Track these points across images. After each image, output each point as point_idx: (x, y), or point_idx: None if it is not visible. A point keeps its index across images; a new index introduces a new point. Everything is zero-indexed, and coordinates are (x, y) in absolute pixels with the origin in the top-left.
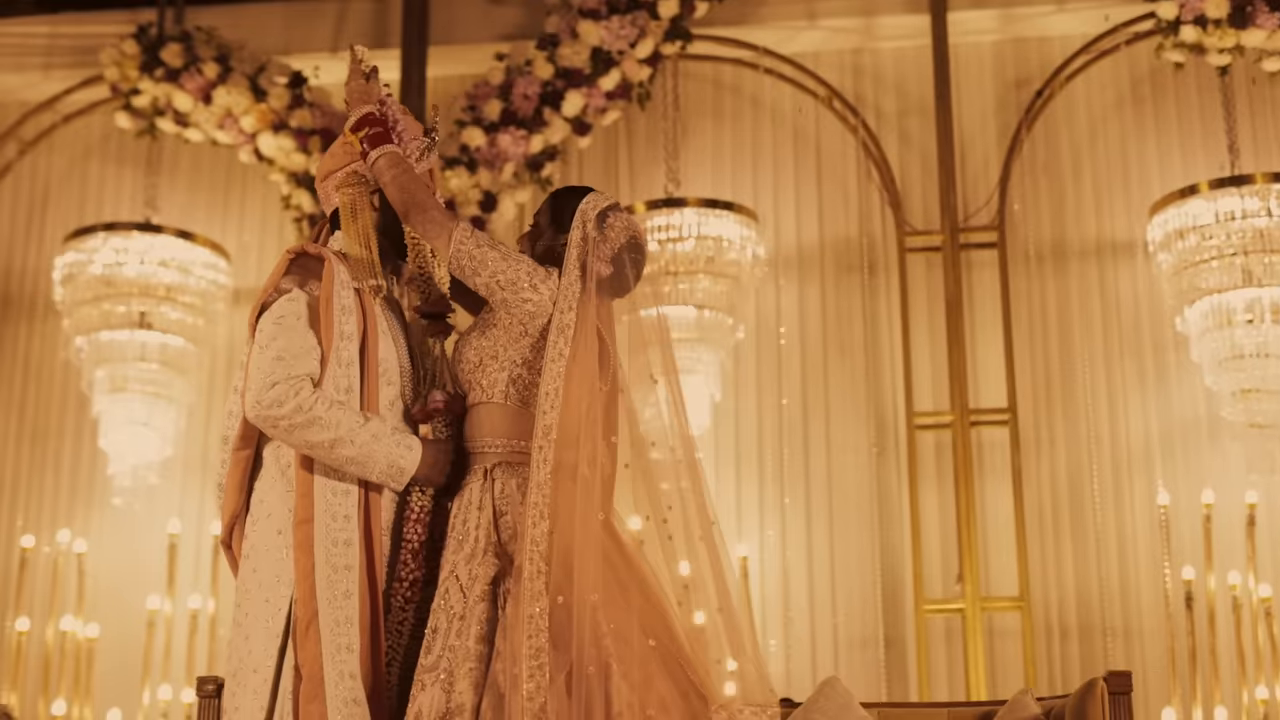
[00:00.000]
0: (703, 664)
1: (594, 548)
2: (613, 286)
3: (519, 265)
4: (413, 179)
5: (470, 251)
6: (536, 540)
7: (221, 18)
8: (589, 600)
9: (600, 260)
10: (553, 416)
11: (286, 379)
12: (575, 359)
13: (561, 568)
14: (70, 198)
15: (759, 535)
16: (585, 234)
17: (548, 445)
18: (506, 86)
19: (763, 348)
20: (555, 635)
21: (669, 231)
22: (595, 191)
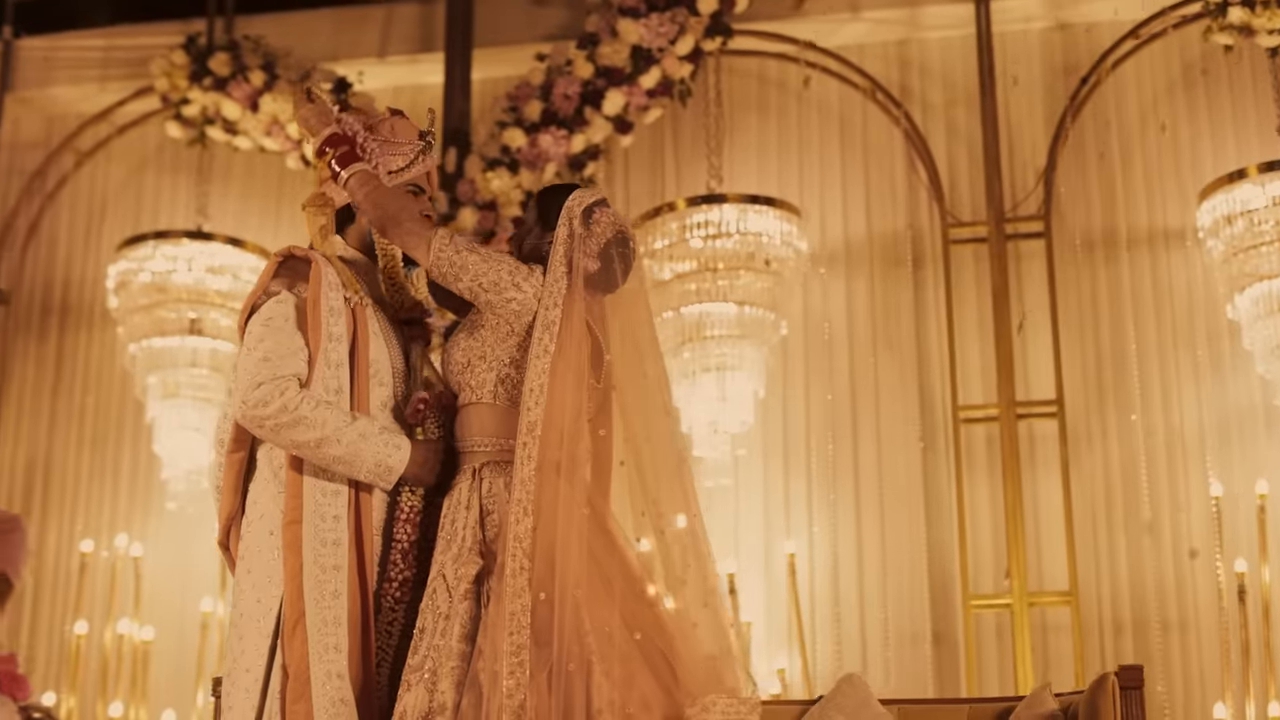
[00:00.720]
0: (694, 659)
1: (578, 544)
2: (601, 282)
3: (500, 266)
4: (386, 193)
5: (450, 258)
6: (520, 537)
7: (270, 25)
8: (571, 597)
9: (587, 256)
10: (537, 413)
11: (272, 379)
12: (561, 355)
13: (544, 564)
14: (127, 207)
15: (807, 531)
16: (571, 230)
17: (532, 441)
18: (547, 87)
19: (810, 343)
20: (537, 632)
21: (709, 228)
22: (581, 188)
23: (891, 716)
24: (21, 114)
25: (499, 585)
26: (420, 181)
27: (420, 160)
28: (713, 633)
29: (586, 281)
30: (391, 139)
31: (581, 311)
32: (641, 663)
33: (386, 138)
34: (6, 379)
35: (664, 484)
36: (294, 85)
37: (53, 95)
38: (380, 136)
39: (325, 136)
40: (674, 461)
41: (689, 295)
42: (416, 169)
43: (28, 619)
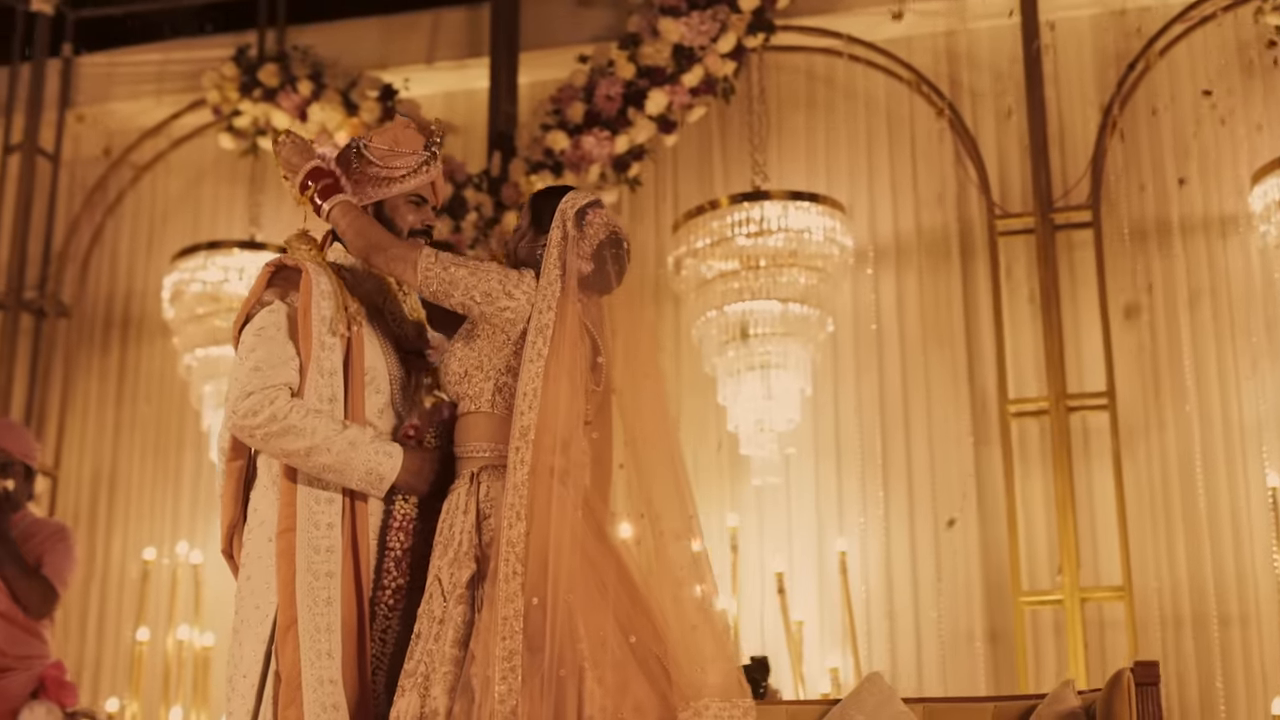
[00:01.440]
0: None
1: (571, 549)
2: (595, 283)
3: (490, 275)
4: (367, 222)
5: (438, 275)
6: (513, 541)
7: (320, 35)
8: (564, 602)
9: (580, 257)
10: (530, 417)
11: (262, 389)
12: (555, 357)
13: (538, 569)
14: (185, 219)
15: (860, 529)
16: (565, 232)
17: (525, 446)
18: (589, 88)
19: (860, 339)
20: (530, 638)
21: (751, 226)
22: (575, 190)
23: (914, 716)
24: (82, 130)
25: (492, 590)
26: (423, 191)
27: (423, 170)
28: (709, 636)
29: (581, 283)
30: (395, 149)
31: (577, 314)
32: (636, 669)
33: (390, 148)
34: (71, 391)
35: (661, 487)
36: (341, 94)
37: (111, 110)
38: (382, 147)
39: (307, 170)
40: (672, 465)
41: (732, 294)
42: (419, 179)
43: (94, 626)
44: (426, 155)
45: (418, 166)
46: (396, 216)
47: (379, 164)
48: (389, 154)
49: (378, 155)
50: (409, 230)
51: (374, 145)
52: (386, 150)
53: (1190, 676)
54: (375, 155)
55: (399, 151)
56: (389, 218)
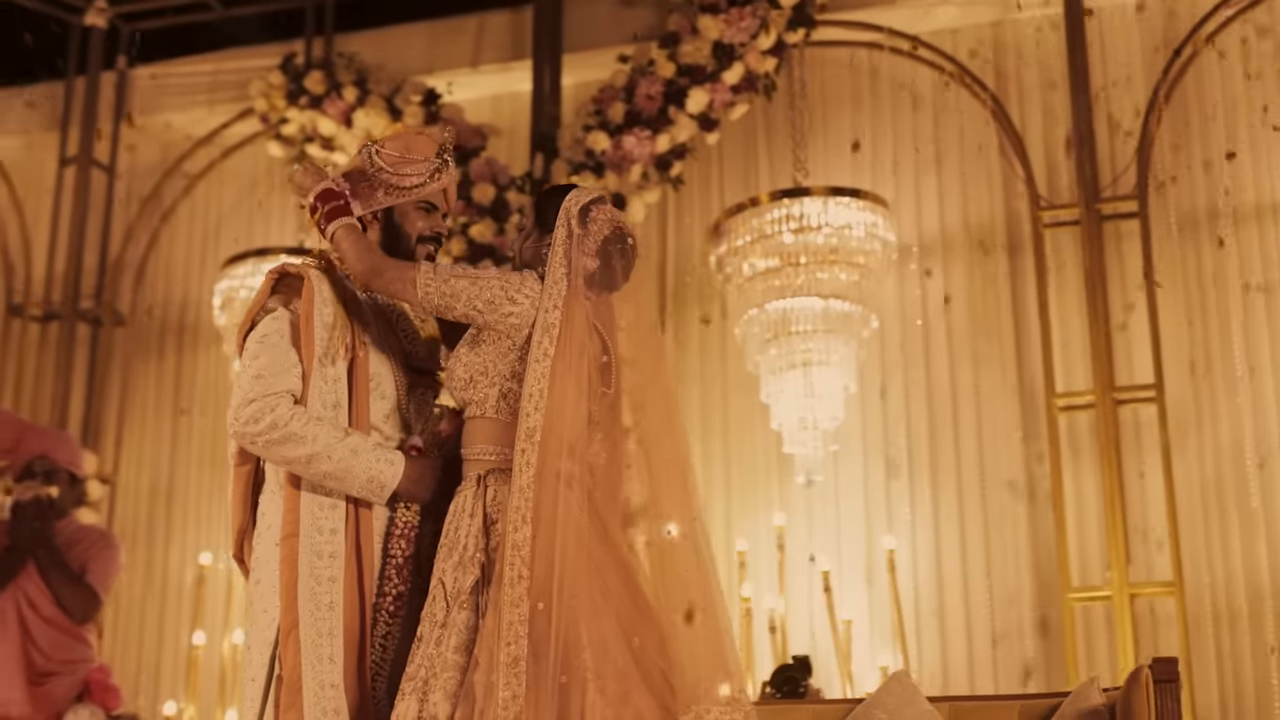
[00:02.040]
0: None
1: (577, 553)
2: (602, 280)
3: (492, 283)
4: (366, 246)
5: (439, 289)
6: (518, 545)
7: (367, 42)
8: (568, 608)
9: (585, 254)
10: (536, 419)
11: (263, 396)
12: (561, 357)
13: (543, 574)
14: (239, 227)
15: (909, 527)
16: (569, 230)
17: (531, 448)
18: (630, 88)
19: (906, 335)
20: (535, 643)
21: (792, 223)
22: (579, 187)
23: (938, 714)
24: (138, 140)
25: (497, 594)
26: (434, 199)
27: (434, 178)
28: (712, 641)
29: (588, 281)
30: (406, 156)
31: (584, 313)
32: (638, 678)
33: (400, 154)
34: (128, 400)
35: (668, 489)
36: (385, 99)
37: (165, 121)
38: (393, 153)
39: (317, 192)
40: (679, 467)
41: (773, 291)
42: (431, 186)
43: (152, 630)
44: (438, 163)
45: (429, 174)
46: (406, 223)
47: (390, 170)
48: (400, 161)
49: (389, 162)
50: (418, 236)
51: (385, 152)
52: (397, 157)
53: (1245, 672)
54: (386, 162)
55: (410, 159)
56: (399, 224)
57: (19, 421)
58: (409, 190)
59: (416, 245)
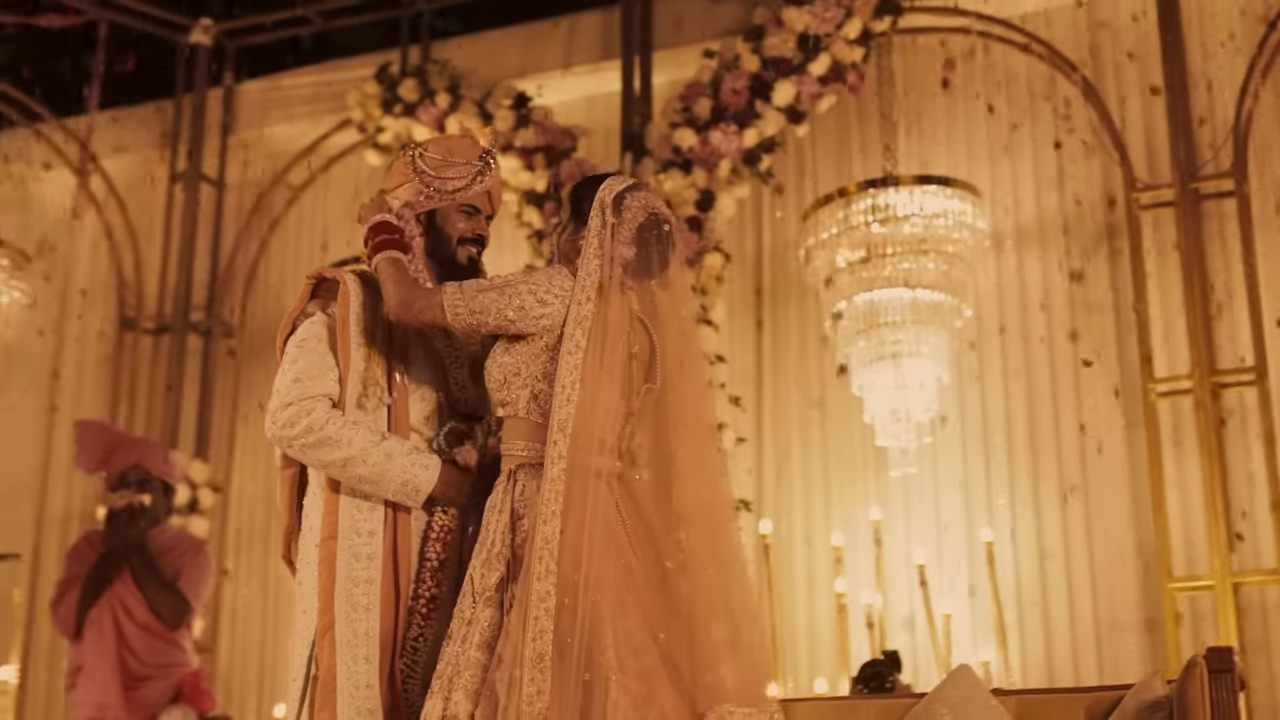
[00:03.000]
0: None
1: (605, 549)
2: (640, 268)
3: (520, 289)
4: (397, 280)
5: (467, 308)
6: (548, 538)
7: (461, 49)
8: (594, 604)
9: (621, 242)
10: (568, 411)
11: (300, 400)
12: (594, 349)
13: (571, 569)
14: (343, 235)
15: (1009, 518)
16: (604, 220)
17: (562, 439)
18: (716, 83)
19: (1004, 322)
20: (560, 640)
21: (880, 213)
22: (614, 176)
23: (1002, 709)
24: (247, 154)
25: (524, 590)
26: (477, 201)
27: (477, 181)
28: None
29: (626, 270)
30: (448, 159)
31: (623, 304)
32: (665, 678)
33: (442, 157)
34: (240, 409)
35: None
36: (477, 104)
37: (271, 134)
38: (436, 156)
39: (372, 223)
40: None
41: (861, 283)
42: (473, 189)
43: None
44: (480, 165)
45: (471, 177)
46: (447, 225)
47: (432, 173)
48: (442, 164)
49: (431, 165)
50: (459, 238)
51: (429, 155)
52: (440, 160)
53: None
54: (429, 165)
55: (452, 162)
56: (440, 226)
57: (113, 432)
58: (451, 193)
59: (457, 247)
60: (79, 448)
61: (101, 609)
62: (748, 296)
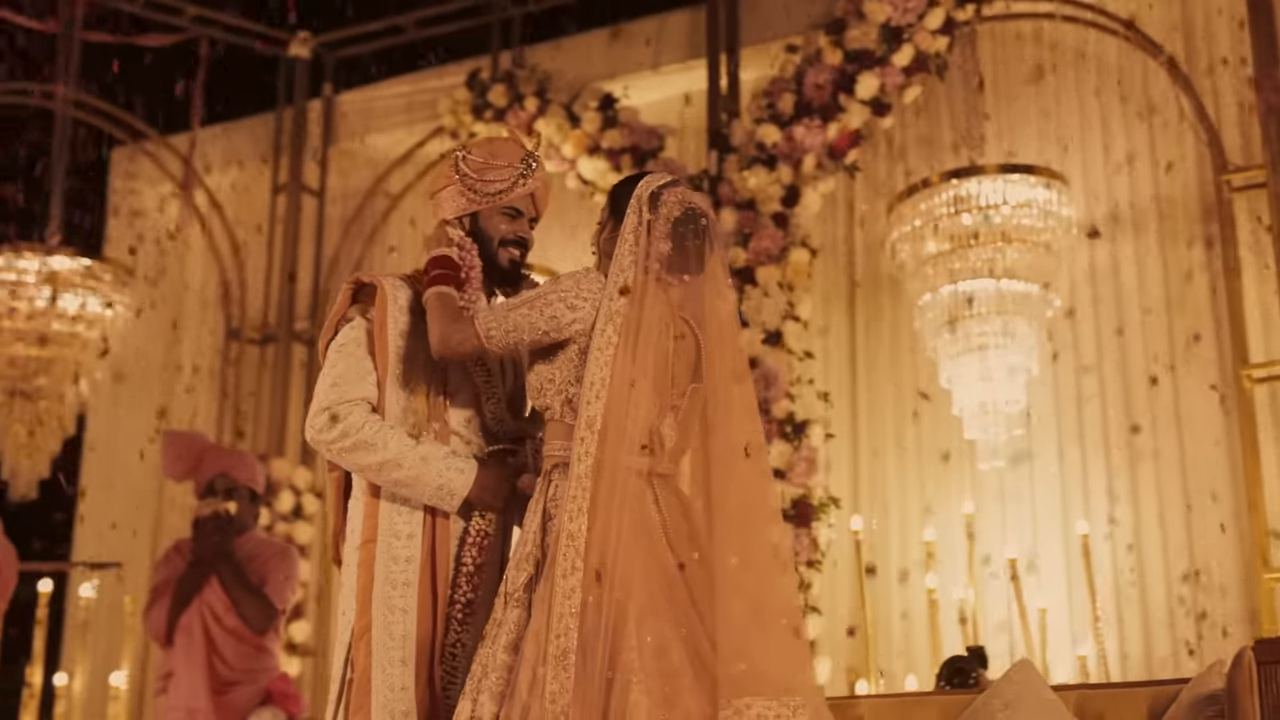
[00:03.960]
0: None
1: (634, 548)
2: (678, 263)
3: (550, 299)
4: (442, 318)
5: (501, 329)
6: (573, 535)
7: (552, 53)
8: (620, 603)
9: (657, 238)
10: (596, 408)
11: (337, 404)
12: (625, 345)
13: (596, 568)
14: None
15: (1105, 510)
16: (640, 217)
17: (590, 437)
18: (798, 78)
19: (1096, 311)
20: (584, 638)
21: (962, 203)
22: (653, 173)
23: (1061, 705)
24: (347, 165)
25: (549, 588)
26: (519, 203)
27: (519, 183)
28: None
29: (663, 265)
30: (490, 161)
31: (659, 300)
32: (693, 679)
33: (485, 159)
34: None
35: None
36: (564, 107)
37: (369, 144)
38: (478, 159)
39: (435, 256)
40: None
41: (947, 274)
42: (515, 191)
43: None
44: (522, 167)
45: (513, 179)
46: (489, 227)
47: (474, 176)
48: (484, 166)
49: (473, 168)
50: (500, 240)
51: (471, 158)
52: (482, 163)
53: None
54: (471, 168)
55: (494, 164)
56: (483, 228)
57: (201, 441)
58: (493, 195)
59: (499, 249)
60: (167, 457)
61: (191, 616)
62: (841, 291)
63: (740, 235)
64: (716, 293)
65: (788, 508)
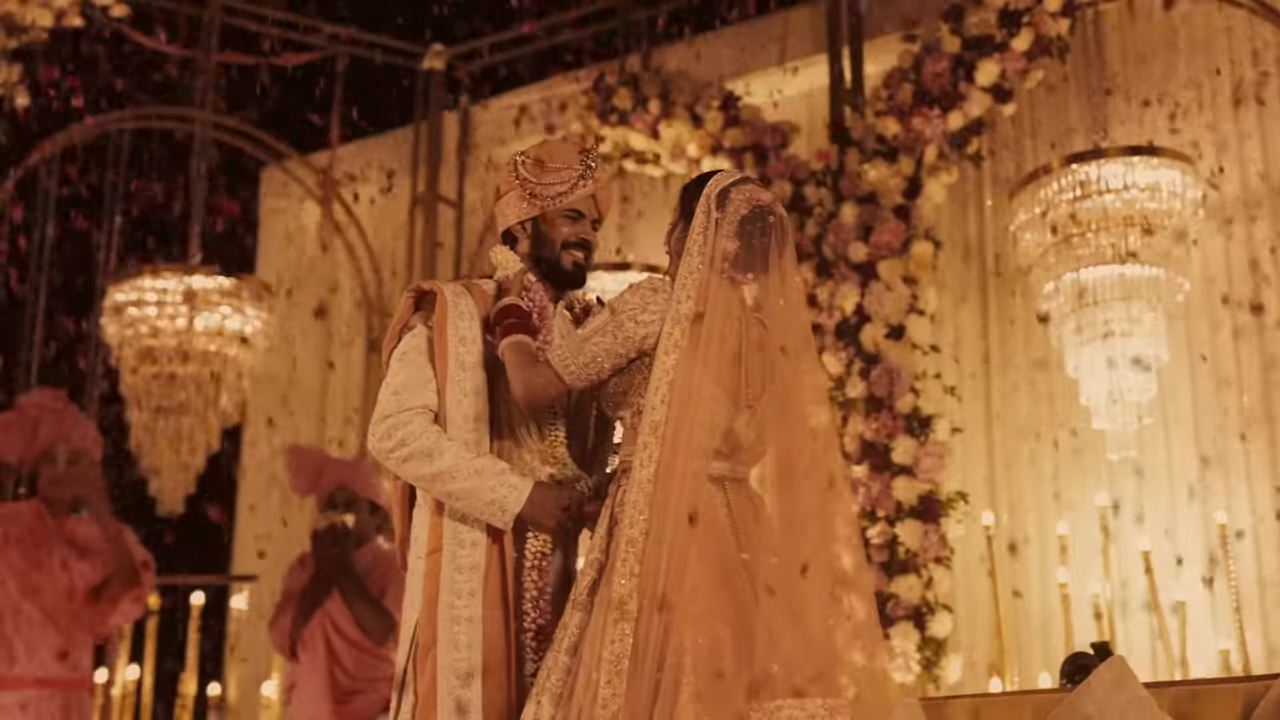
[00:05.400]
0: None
1: (698, 552)
2: (745, 261)
3: (620, 320)
4: (522, 366)
5: (580, 363)
6: (633, 540)
7: (679, 54)
8: (674, 606)
9: (724, 236)
10: (662, 412)
11: (397, 412)
12: (693, 347)
13: (653, 571)
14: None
15: (1247, 500)
16: (709, 216)
17: (654, 442)
18: (917, 68)
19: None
20: (638, 642)
21: (1086, 188)
22: (723, 171)
23: (1152, 702)
24: (483, 175)
25: (606, 591)
26: (581, 205)
27: (579, 185)
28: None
29: (733, 264)
30: (549, 164)
31: (730, 300)
32: (745, 683)
33: (544, 163)
34: None
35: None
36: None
37: (504, 152)
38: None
39: (500, 306)
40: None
41: (1071, 261)
42: (576, 194)
43: None
44: (581, 169)
45: (573, 182)
46: (551, 230)
47: (534, 180)
48: (543, 170)
49: (532, 172)
50: (562, 243)
51: (529, 162)
52: (541, 166)
53: None
54: (529, 172)
55: (552, 167)
56: (545, 232)
57: (322, 455)
58: (553, 199)
59: (561, 252)
60: (292, 472)
61: (314, 627)
62: (973, 283)
63: (861, 229)
64: (791, 292)
65: (915, 504)
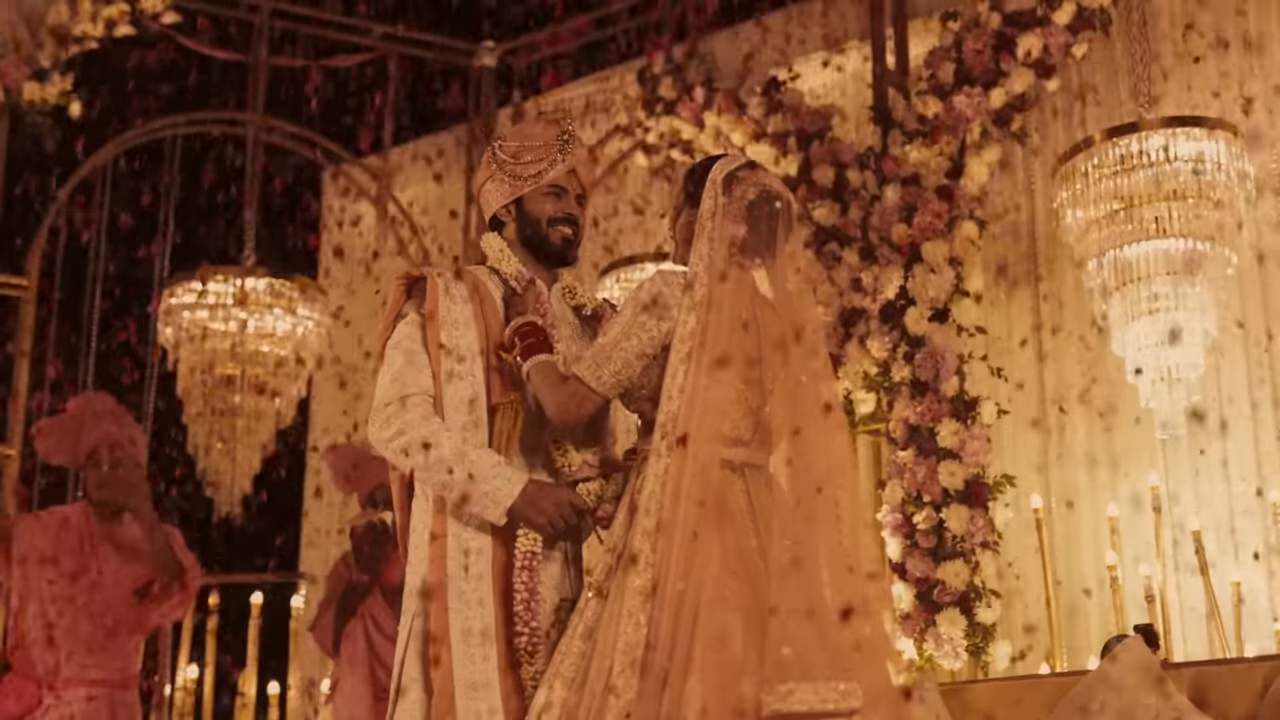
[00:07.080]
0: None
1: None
2: (753, 246)
3: (638, 321)
4: (552, 387)
5: (609, 373)
6: (648, 531)
7: (725, 41)
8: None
9: (732, 222)
10: (679, 401)
11: (397, 398)
12: (705, 335)
13: (665, 560)
14: (635, 241)
15: None
16: (716, 201)
17: (670, 431)
18: (957, 46)
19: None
20: (651, 631)
21: (1129, 161)
22: (727, 155)
23: (1166, 681)
24: None
25: (622, 579)
26: (562, 181)
27: (557, 161)
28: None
29: (740, 249)
30: (525, 144)
31: (741, 285)
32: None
33: (520, 144)
34: None
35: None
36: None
37: None
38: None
39: (515, 326)
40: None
41: (1115, 236)
42: (553, 171)
43: None
44: (558, 145)
45: (550, 159)
46: (536, 209)
47: (512, 161)
48: (520, 150)
49: (510, 153)
50: (548, 220)
51: (506, 144)
52: (517, 147)
53: None
54: (507, 154)
55: (528, 147)
56: (529, 212)
57: (356, 454)
58: (533, 178)
59: (549, 229)
60: (333, 471)
61: (355, 625)
62: (1020, 263)
63: (904, 210)
64: (790, 275)
65: (961, 488)
